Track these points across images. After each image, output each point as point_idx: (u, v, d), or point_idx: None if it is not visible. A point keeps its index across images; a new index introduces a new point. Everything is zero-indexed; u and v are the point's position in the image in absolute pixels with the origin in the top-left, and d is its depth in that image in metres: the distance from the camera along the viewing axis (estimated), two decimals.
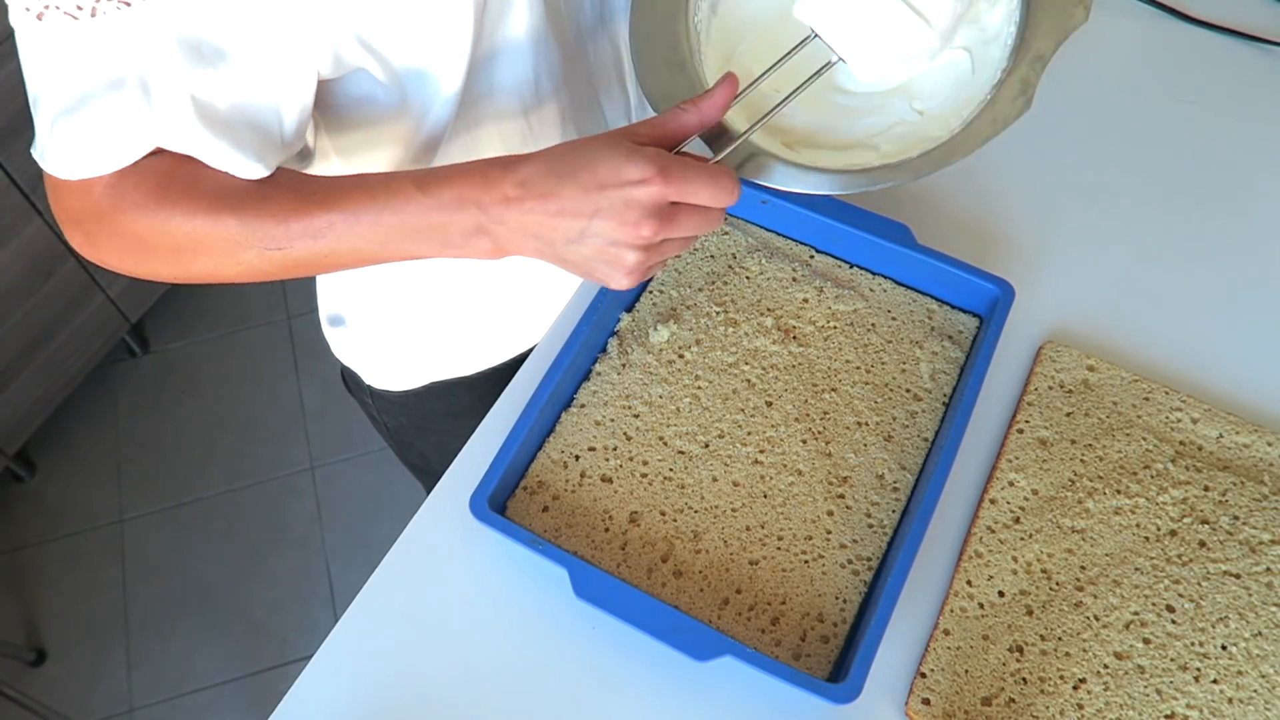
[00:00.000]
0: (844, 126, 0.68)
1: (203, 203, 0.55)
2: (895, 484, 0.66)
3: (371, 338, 0.87)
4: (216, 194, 0.55)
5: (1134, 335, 0.74)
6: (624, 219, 0.52)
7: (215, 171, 0.56)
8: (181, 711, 1.61)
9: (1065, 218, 0.81)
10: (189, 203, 0.55)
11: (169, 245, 0.56)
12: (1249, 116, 0.87)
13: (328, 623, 1.54)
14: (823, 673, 0.60)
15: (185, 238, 0.55)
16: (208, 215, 0.54)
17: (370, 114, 0.67)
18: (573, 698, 0.61)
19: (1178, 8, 0.93)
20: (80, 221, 0.57)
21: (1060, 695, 0.59)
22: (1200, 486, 0.66)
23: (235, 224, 0.55)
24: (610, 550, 0.64)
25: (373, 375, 0.90)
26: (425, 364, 0.87)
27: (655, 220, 0.52)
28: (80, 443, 1.86)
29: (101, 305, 1.73)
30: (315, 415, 1.89)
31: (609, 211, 0.52)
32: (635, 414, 0.69)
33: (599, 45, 0.75)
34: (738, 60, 0.70)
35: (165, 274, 0.58)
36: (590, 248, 0.53)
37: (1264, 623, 0.61)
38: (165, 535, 1.77)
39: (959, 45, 0.67)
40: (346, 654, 0.63)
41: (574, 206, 0.52)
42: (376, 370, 0.89)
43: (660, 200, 0.52)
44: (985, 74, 0.64)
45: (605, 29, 0.74)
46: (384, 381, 0.90)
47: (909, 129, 0.65)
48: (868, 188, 0.62)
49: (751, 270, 0.75)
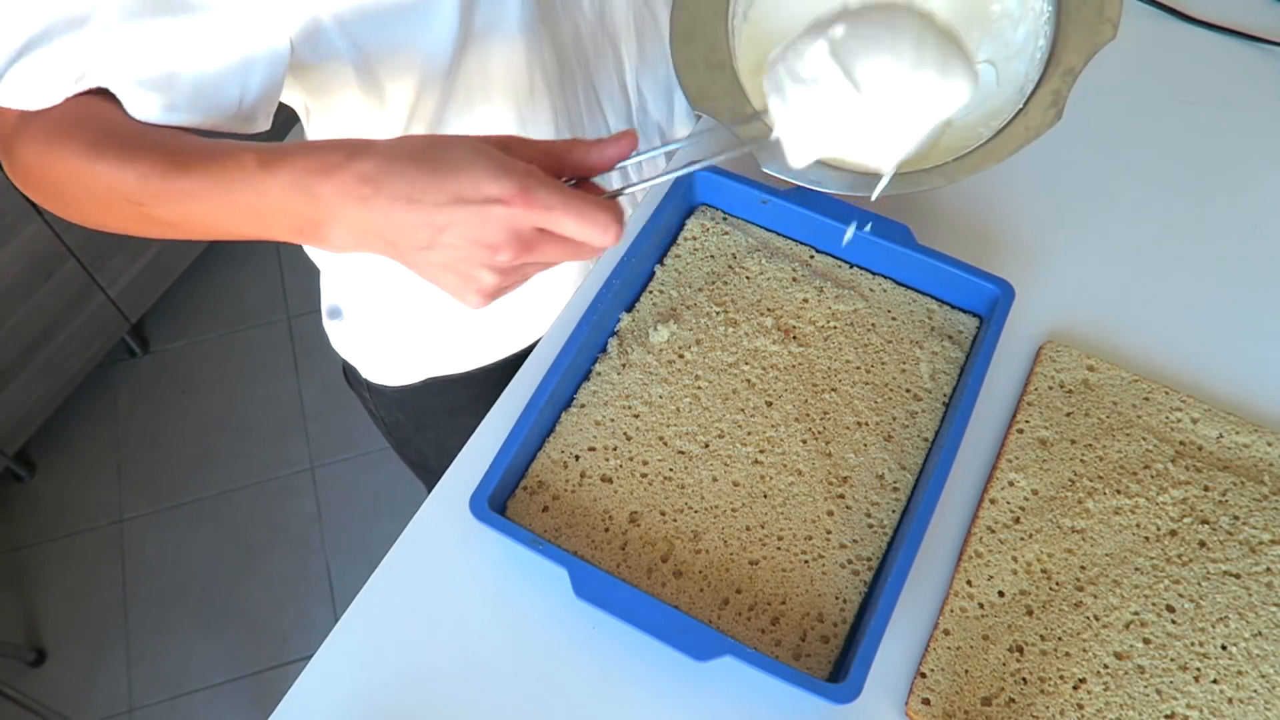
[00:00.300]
0: None
1: (84, 146, 0.53)
2: (895, 484, 0.66)
3: (368, 331, 0.87)
4: (99, 140, 0.53)
5: (1134, 335, 0.74)
6: (481, 237, 0.47)
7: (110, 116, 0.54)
8: (181, 711, 1.61)
9: (1065, 218, 0.81)
10: (74, 144, 0.53)
11: (53, 183, 0.55)
12: (1249, 116, 0.87)
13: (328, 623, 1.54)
14: (823, 673, 0.60)
15: (68, 178, 0.54)
16: (87, 159, 0.53)
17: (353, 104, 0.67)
18: (573, 698, 0.61)
19: (1178, 8, 0.93)
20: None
21: (1060, 695, 0.59)
22: (1200, 486, 0.66)
23: (108, 172, 0.52)
24: (610, 550, 0.64)
25: (370, 369, 0.90)
26: (421, 359, 0.87)
27: (515, 245, 0.47)
28: (80, 443, 1.86)
29: (101, 305, 1.73)
30: (315, 415, 1.89)
31: (464, 227, 0.47)
32: (635, 414, 0.69)
33: (599, 46, 0.75)
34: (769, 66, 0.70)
35: (57, 211, 0.57)
36: (441, 259, 0.48)
37: (1264, 623, 0.61)
38: (165, 535, 1.77)
39: (984, 59, 0.68)
40: (346, 654, 0.63)
41: (425, 215, 0.47)
42: (373, 364, 0.89)
43: (520, 224, 0.47)
44: (1009, 87, 0.65)
45: (604, 30, 0.74)
46: (381, 376, 0.90)
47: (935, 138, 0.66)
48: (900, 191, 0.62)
49: (751, 270, 0.75)
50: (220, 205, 0.51)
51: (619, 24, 0.75)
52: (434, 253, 0.48)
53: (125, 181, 0.52)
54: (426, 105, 0.68)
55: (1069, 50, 0.63)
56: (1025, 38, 0.66)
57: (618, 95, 0.80)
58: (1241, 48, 0.91)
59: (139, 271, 1.77)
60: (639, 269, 0.74)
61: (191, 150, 0.52)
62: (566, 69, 0.73)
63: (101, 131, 0.53)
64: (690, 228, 0.77)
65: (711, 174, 0.76)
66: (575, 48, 0.73)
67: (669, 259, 0.76)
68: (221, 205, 0.51)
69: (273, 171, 0.49)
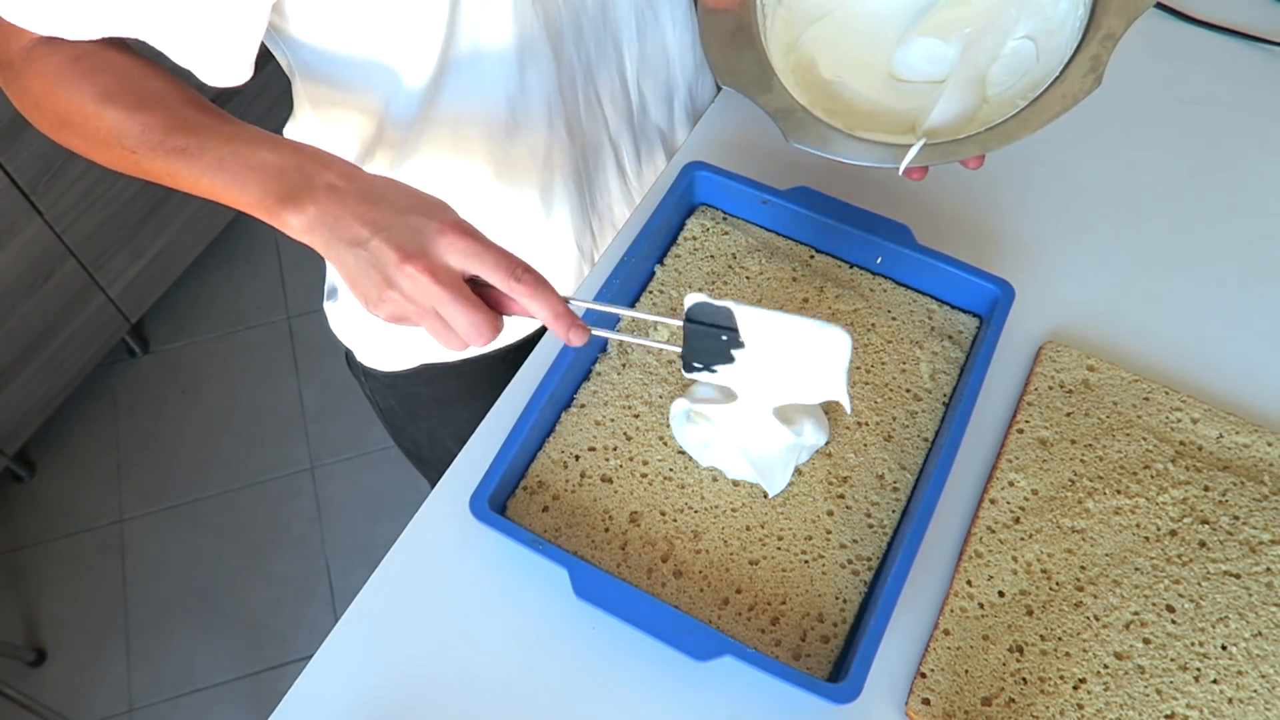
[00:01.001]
0: (903, 113, 0.68)
1: (97, 92, 0.59)
2: (895, 484, 0.66)
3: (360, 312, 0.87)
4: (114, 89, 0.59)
5: (1134, 335, 0.74)
6: (404, 247, 0.52)
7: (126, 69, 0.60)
8: (181, 711, 1.61)
9: (1065, 218, 0.81)
10: (87, 88, 0.59)
11: (56, 114, 0.60)
12: (1249, 116, 0.87)
13: (328, 623, 1.54)
14: (823, 673, 0.60)
15: (74, 114, 0.59)
16: (96, 103, 0.58)
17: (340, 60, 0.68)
18: (573, 698, 0.61)
19: (1178, 8, 0.93)
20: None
21: (1060, 695, 0.59)
22: (1200, 486, 0.66)
23: (115, 119, 0.58)
24: (610, 550, 0.64)
25: (363, 352, 0.91)
26: (413, 345, 0.88)
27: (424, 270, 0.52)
28: (80, 443, 1.86)
29: (101, 305, 1.73)
30: (315, 415, 1.89)
31: (399, 232, 0.52)
32: (635, 414, 0.69)
33: (600, 45, 0.75)
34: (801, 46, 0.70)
35: (49, 134, 0.63)
36: (363, 260, 0.53)
37: (1264, 623, 0.61)
38: (165, 535, 1.77)
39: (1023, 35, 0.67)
40: (346, 654, 0.63)
41: (378, 215, 0.53)
42: (367, 347, 0.90)
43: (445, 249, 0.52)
44: (1049, 61, 0.64)
45: (607, 28, 0.74)
46: (373, 360, 0.90)
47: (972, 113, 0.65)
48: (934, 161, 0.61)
49: (751, 270, 0.75)
50: (205, 171, 0.57)
51: (621, 22, 0.75)
52: (360, 251, 0.53)
53: (128, 130, 0.58)
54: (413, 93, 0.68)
55: (1109, 15, 0.62)
56: (1067, 11, 0.65)
57: (619, 95, 0.80)
58: (1241, 48, 0.91)
59: (139, 271, 1.77)
60: (639, 269, 0.74)
61: (199, 114, 0.59)
62: (564, 64, 0.73)
63: (117, 82, 0.59)
64: (690, 228, 0.77)
65: (711, 174, 0.76)
66: (575, 43, 0.73)
67: (669, 259, 0.76)
68: (206, 172, 0.57)
69: (284, 147, 0.56)
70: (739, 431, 0.64)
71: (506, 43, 0.67)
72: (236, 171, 0.56)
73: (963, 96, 0.66)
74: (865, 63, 0.71)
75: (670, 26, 0.79)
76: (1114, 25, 0.62)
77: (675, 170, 0.77)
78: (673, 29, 0.80)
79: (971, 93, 0.66)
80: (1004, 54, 0.67)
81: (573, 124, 0.77)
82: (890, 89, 0.70)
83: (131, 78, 0.60)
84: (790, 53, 0.70)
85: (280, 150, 0.56)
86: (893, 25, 0.72)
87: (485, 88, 0.70)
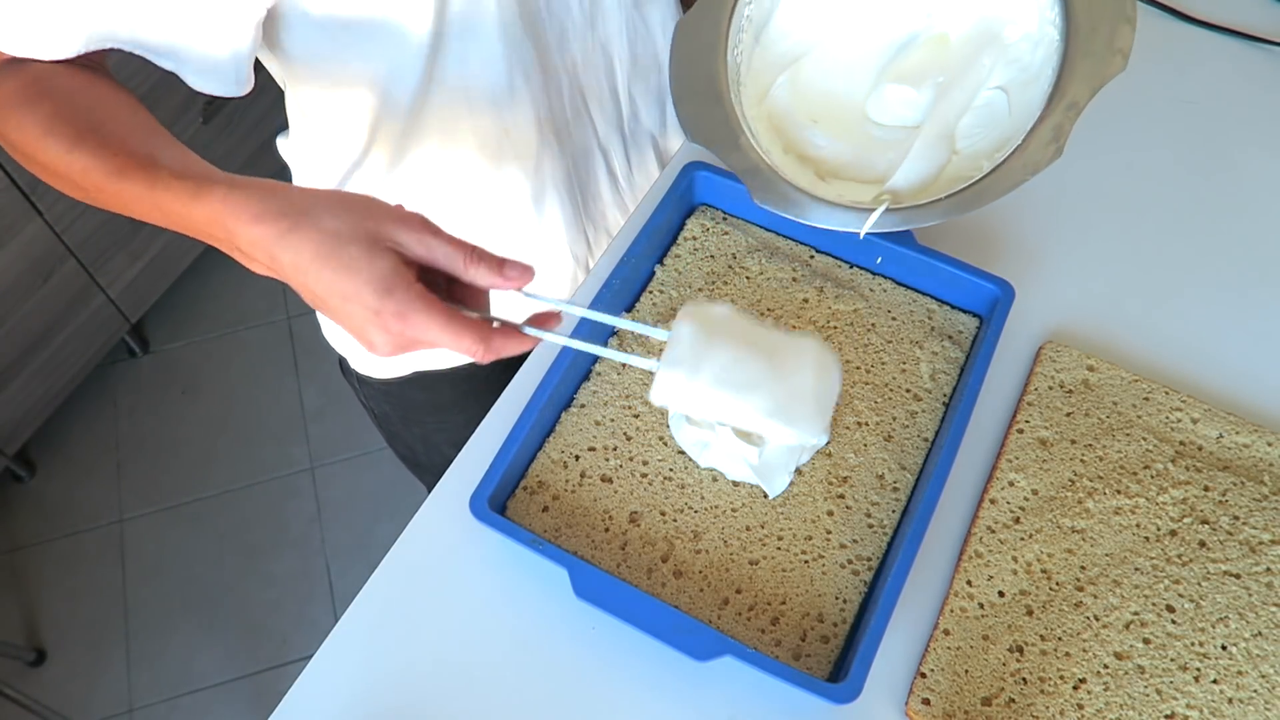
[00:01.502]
0: (876, 160, 0.69)
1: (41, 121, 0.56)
2: (895, 484, 0.66)
3: None
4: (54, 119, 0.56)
5: (1134, 335, 0.74)
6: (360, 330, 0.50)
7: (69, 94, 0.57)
8: (181, 711, 1.61)
9: (1065, 218, 0.81)
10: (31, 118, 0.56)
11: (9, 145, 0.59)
12: (1249, 116, 0.87)
13: (328, 623, 1.54)
14: (823, 673, 0.60)
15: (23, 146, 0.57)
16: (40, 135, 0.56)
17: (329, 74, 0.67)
18: (573, 698, 0.61)
19: (1178, 8, 0.93)
20: None
21: (1060, 695, 0.59)
22: (1200, 486, 0.66)
23: (58, 155, 0.56)
24: (610, 550, 0.64)
25: (358, 359, 0.90)
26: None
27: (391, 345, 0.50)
28: (80, 443, 1.86)
29: (101, 305, 1.73)
30: (315, 415, 1.89)
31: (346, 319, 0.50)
32: (635, 414, 0.69)
33: (588, 52, 0.75)
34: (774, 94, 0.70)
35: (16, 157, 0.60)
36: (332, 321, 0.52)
37: (1264, 623, 0.61)
38: (165, 535, 1.77)
39: (996, 85, 0.67)
40: (346, 654, 0.63)
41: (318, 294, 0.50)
42: (361, 354, 0.90)
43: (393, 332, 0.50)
44: (1021, 116, 0.64)
45: (595, 35, 0.74)
46: (368, 367, 0.90)
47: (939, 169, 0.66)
48: (896, 228, 0.63)
49: (751, 270, 0.75)
50: (151, 214, 0.55)
51: (610, 29, 0.75)
52: (328, 313, 0.51)
53: (72, 168, 0.56)
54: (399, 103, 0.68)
55: (1075, 82, 0.62)
56: (1043, 61, 0.65)
57: (608, 101, 0.79)
58: (1241, 48, 0.91)
59: (139, 271, 1.77)
60: (639, 269, 0.74)
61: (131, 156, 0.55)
62: (551, 72, 0.72)
63: (58, 112, 0.56)
64: (690, 228, 0.77)
65: (711, 174, 0.76)
66: (561, 50, 0.72)
67: (669, 259, 0.76)
68: (152, 214, 0.55)
69: (197, 204, 0.52)
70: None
71: (494, 50, 0.67)
72: (175, 224, 0.55)
73: (932, 154, 0.67)
74: (840, 107, 0.72)
75: (661, 31, 0.79)
76: (1079, 94, 0.62)
77: (675, 170, 0.77)
78: (663, 34, 0.80)
79: (941, 149, 0.67)
80: (977, 104, 0.68)
81: (560, 130, 0.77)
82: (865, 134, 0.70)
83: (74, 106, 0.57)
84: (761, 101, 0.70)
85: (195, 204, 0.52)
86: (868, 67, 0.72)
87: (473, 96, 0.70)
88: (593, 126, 0.80)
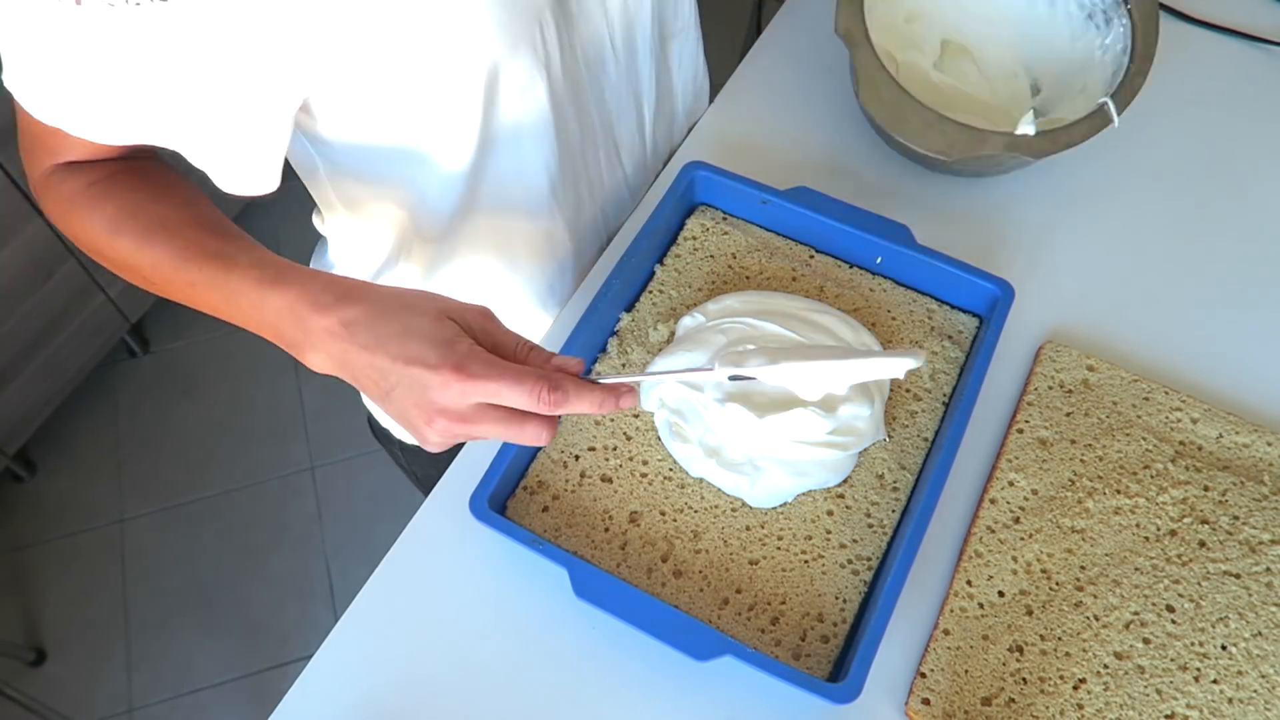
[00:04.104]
0: None
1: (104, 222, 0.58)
2: (895, 484, 0.66)
3: None
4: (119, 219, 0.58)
5: (1134, 335, 0.74)
6: (420, 401, 0.50)
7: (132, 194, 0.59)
8: (181, 711, 1.61)
9: (1065, 218, 0.81)
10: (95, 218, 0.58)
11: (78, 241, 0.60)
12: (1249, 116, 0.87)
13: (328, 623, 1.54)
14: (823, 672, 0.60)
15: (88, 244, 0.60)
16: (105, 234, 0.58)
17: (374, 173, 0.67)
18: (573, 698, 0.61)
19: (1178, 8, 0.93)
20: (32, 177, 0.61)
21: (1060, 695, 0.59)
22: (1200, 486, 0.66)
23: (125, 251, 0.58)
24: (610, 550, 0.64)
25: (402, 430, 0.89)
26: None
27: (449, 416, 0.50)
28: (80, 443, 1.86)
29: (101, 305, 1.73)
30: (315, 415, 1.89)
31: (408, 390, 0.50)
32: (635, 414, 0.69)
33: (621, 102, 0.75)
34: None
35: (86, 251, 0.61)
36: (396, 408, 0.52)
37: (1264, 623, 0.61)
38: (165, 535, 1.77)
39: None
40: (346, 654, 0.63)
41: (383, 367, 0.50)
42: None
43: (455, 397, 0.49)
44: None
45: (628, 85, 0.74)
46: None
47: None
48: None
49: (751, 270, 0.75)
50: (220, 305, 0.56)
51: (642, 75, 0.75)
52: (388, 403, 0.52)
53: (139, 264, 0.58)
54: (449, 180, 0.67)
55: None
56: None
57: (637, 147, 0.80)
58: (1241, 48, 0.91)
59: None
60: (639, 269, 0.74)
61: (203, 247, 0.57)
62: (589, 134, 0.73)
63: (122, 210, 0.58)
64: (690, 228, 0.77)
65: (711, 174, 0.76)
66: (599, 111, 0.72)
67: (669, 259, 0.76)
68: (221, 306, 0.56)
69: (274, 291, 0.53)
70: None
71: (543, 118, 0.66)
72: (239, 318, 0.56)
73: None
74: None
75: (677, 66, 0.80)
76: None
77: (675, 170, 0.77)
78: (679, 67, 0.80)
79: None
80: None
81: (594, 183, 0.77)
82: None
83: (138, 204, 0.58)
84: None
85: (272, 292, 0.53)
86: None
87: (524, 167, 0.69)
88: (623, 172, 0.80)
